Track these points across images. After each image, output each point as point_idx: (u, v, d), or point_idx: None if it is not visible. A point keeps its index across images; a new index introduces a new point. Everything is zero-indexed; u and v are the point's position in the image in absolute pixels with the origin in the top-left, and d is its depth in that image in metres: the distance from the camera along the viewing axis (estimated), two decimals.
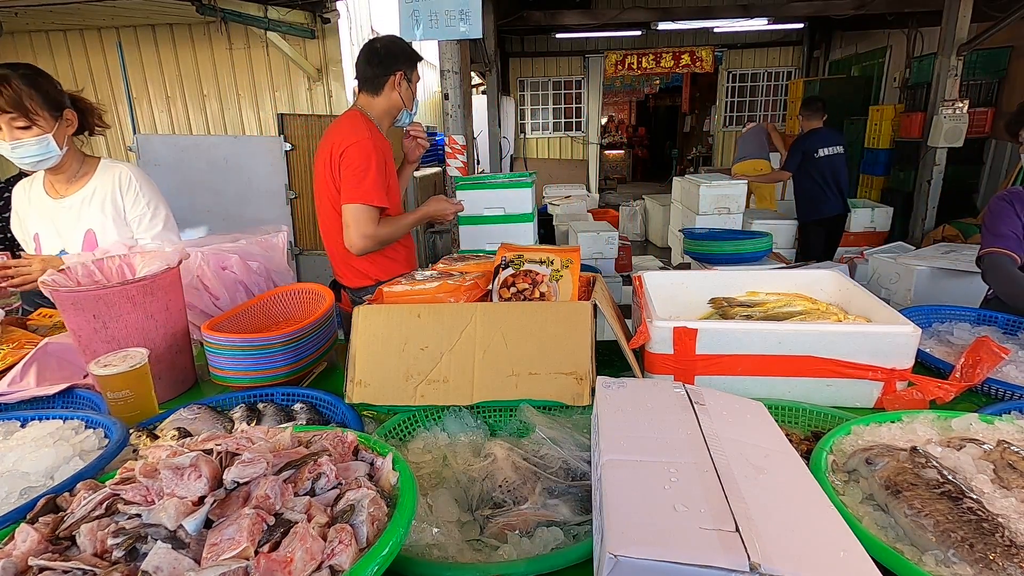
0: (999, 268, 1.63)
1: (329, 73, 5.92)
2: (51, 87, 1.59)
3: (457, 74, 4.18)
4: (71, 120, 1.65)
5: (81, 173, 1.74)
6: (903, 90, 7.22)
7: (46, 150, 1.57)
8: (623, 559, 0.54)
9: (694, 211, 5.41)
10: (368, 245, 1.94)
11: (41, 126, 1.55)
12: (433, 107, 8.41)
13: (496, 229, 3.16)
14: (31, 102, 1.52)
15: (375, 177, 1.89)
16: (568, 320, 1.14)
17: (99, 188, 1.74)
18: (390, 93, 2.03)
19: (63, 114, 1.61)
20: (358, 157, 1.88)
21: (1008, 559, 0.65)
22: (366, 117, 2.00)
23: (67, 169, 1.70)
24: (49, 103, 1.56)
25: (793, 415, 1.10)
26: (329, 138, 1.97)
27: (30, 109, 1.52)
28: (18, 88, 1.50)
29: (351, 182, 1.89)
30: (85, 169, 1.75)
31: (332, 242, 2.10)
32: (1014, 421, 0.97)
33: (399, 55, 2.02)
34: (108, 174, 1.76)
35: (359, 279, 2.10)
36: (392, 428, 1.08)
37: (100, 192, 1.74)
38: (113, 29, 5.92)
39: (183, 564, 0.57)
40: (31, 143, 1.55)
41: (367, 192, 1.89)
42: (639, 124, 16.48)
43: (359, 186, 1.88)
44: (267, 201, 4.82)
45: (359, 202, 1.89)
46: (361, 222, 1.89)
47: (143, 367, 1.14)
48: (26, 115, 1.52)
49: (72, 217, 1.73)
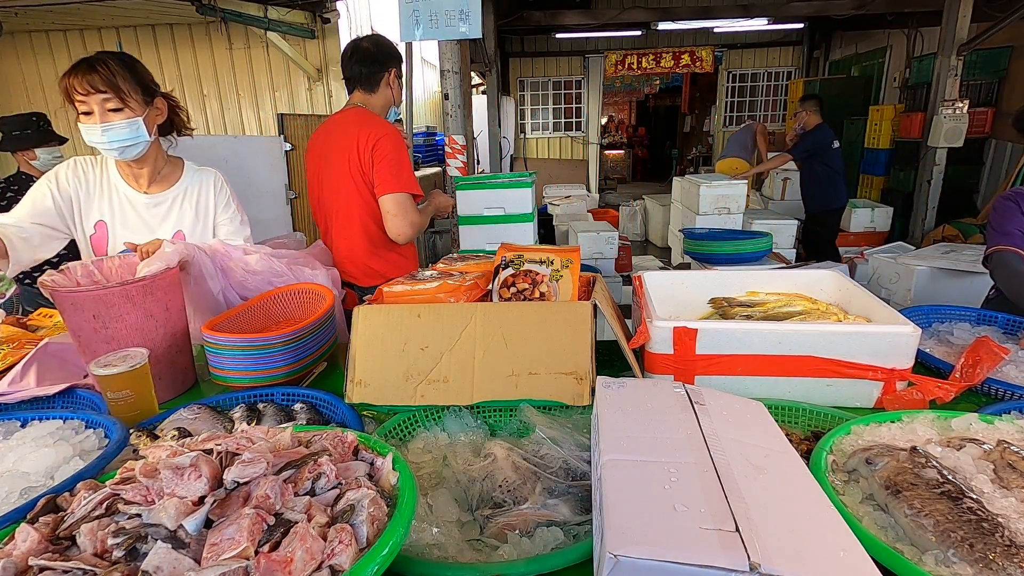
0: (1007, 265, 1.63)
1: (329, 73, 5.93)
2: (146, 73, 1.59)
3: (457, 74, 4.18)
4: (161, 109, 1.63)
5: (167, 171, 1.73)
6: (903, 90, 7.22)
7: (136, 134, 1.55)
8: (623, 559, 0.54)
9: (694, 211, 5.40)
10: (413, 233, 2.00)
11: (133, 108, 1.53)
12: (433, 107, 8.42)
13: (496, 229, 3.16)
14: (125, 83, 1.51)
15: (409, 165, 1.96)
16: (568, 320, 1.14)
17: (190, 189, 1.74)
18: (385, 90, 2.06)
19: (154, 101, 1.60)
20: (392, 147, 1.92)
21: (1008, 559, 0.65)
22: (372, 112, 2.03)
23: (151, 162, 1.68)
24: (142, 87, 1.56)
25: (793, 415, 1.10)
26: (345, 136, 1.97)
27: (123, 90, 1.50)
28: (114, 69, 1.49)
29: (389, 172, 1.92)
30: (170, 168, 1.74)
31: (349, 239, 2.08)
32: (1014, 421, 0.97)
33: (391, 53, 2.06)
34: (199, 176, 1.77)
35: (371, 278, 2.10)
36: (392, 428, 1.08)
37: (191, 193, 1.74)
38: (113, 29, 5.92)
39: (183, 564, 0.57)
40: (122, 126, 1.52)
41: (407, 180, 1.94)
42: (639, 124, 16.49)
43: (399, 175, 1.92)
44: (267, 201, 4.83)
45: (402, 191, 1.93)
46: (408, 210, 1.95)
47: (143, 367, 1.14)
48: (119, 95, 1.50)
49: (161, 213, 1.71)
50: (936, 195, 6.06)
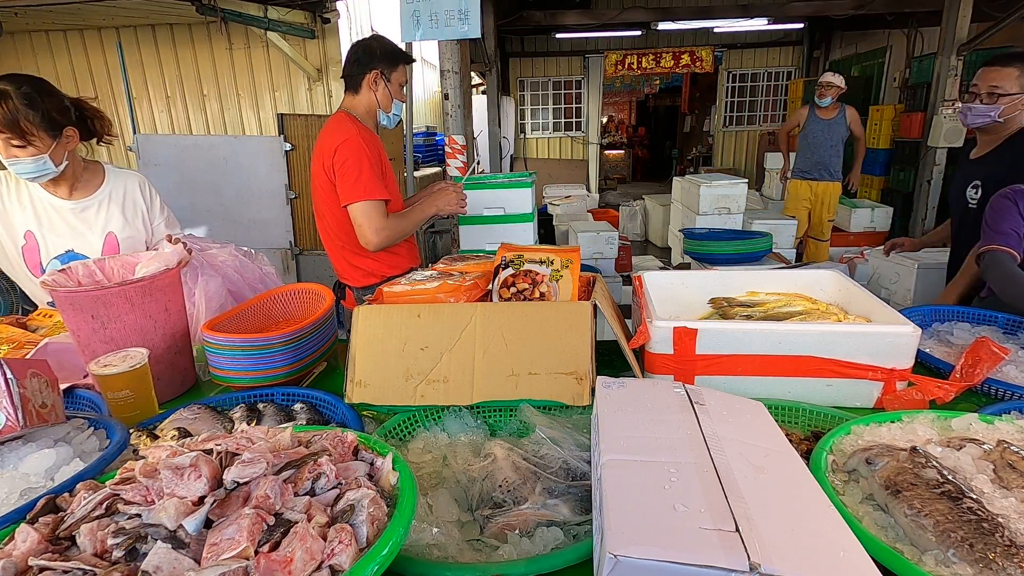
0: (999, 265, 1.62)
1: (329, 73, 5.92)
2: (53, 104, 1.54)
3: (457, 74, 4.18)
4: (72, 136, 1.61)
5: (87, 177, 1.73)
6: (903, 90, 7.21)
7: (42, 168, 1.55)
8: (623, 559, 0.54)
9: (694, 211, 5.40)
10: (384, 239, 1.94)
11: (37, 146, 1.51)
12: (433, 107, 8.42)
13: (496, 229, 3.16)
14: (27, 123, 1.47)
15: (369, 171, 1.88)
16: (568, 320, 1.14)
17: (115, 192, 1.75)
18: (368, 92, 2.01)
19: (62, 132, 1.57)
20: (349, 154, 1.88)
21: (1008, 559, 0.65)
22: (352, 117, 1.99)
23: (68, 175, 1.68)
24: (47, 123, 1.52)
25: (793, 415, 1.10)
26: (320, 142, 1.98)
27: (26, 130, 1.48)
28: (15, 108, 1.45)
29: (348, 181, 1.88)
30: (90, 174, 1.73)
31: (332, 244, 2.10)
32: (1014, 421, 0.97)
33: (375, 54, 1.98)
34: (122, 179, 1.77)
35: (365, 278, 2.09)
36: (392, 428, 1.08)
37: (116, 196, 1.75)
38: (113, 29, 5.92)
39: (183, 564, 0.57)
40: (27, 162, 1.52)
41: (366, 187, 1.88)
42: (639, 124, 16.49)
43: (357, 183, 1.87)
44: (267, 201, 4.82)
45: (363, 199, 1.88)
46: (372, 217, 1.89)
47: (143, 367, 1.14)
48: (22, 136, 1.48)
49: (89, 218, 1.72)
50: (936, 195, 6.06)
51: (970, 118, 2.05)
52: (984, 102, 1.99)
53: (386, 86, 2.01)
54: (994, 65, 1.99)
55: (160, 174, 4.64)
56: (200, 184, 4.69)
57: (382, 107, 2.04)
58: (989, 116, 2.00)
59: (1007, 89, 1.95)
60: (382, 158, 2.00)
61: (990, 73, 1.99)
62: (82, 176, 1.72)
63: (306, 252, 4.98)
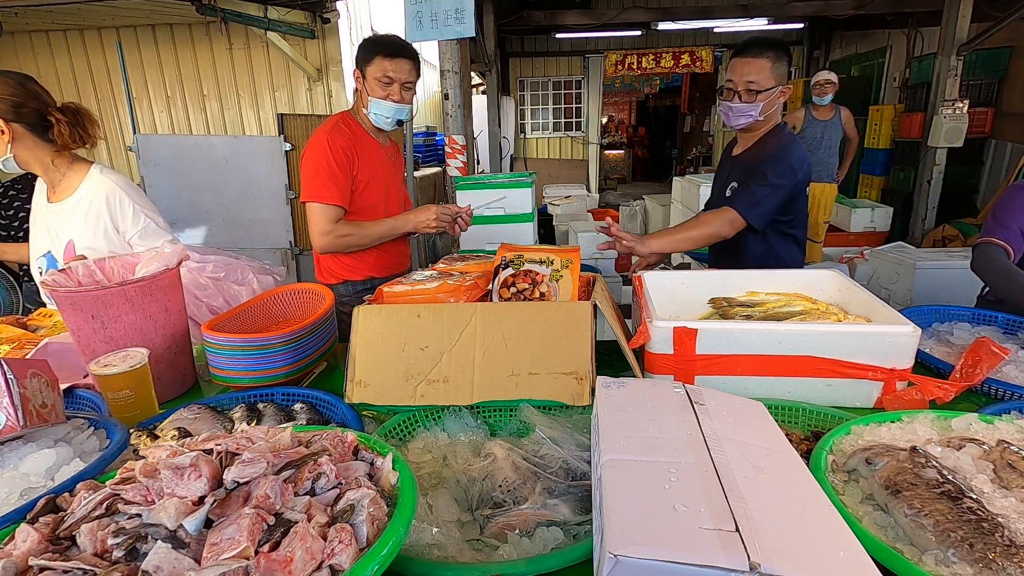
0: (988, 259, 1.61)
1: (329, 73, 5.92)
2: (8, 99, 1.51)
3: (457, 74, 4.19)
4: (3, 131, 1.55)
5: (69, 179, 1.68)
6: (903, 90, 7.21)
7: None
8: (623, 559, 0.54)
9: (694, 211, 5.40)
10: (327, 244, 1.88)
11: None
12: (433, 107, 8.42)
13: (496, 229, 3.16)
14: None
15: (327, 174, 1.82)
16: (568, 320, 1.14)
17: (83, 200, 1.67)
18: (358, 90, 1.95)
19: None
20: (310, 155, 1.86)
21: (1008, 559, 0.65)
22: (350, 116, 1.96)
23: (55, 176, 1.66)
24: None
25: (793, 415, 1.10)
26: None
27: None
28: None
29: (304, 180, 1.87)
30: (72, 176, 1.68)
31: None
32: (1014, 421, 0.97)
33: (359, 51, 1.91)
34: (94, 188, 1.68)
35: (324, 275, 2.04)
36: (392, 428, 1.08)
37: (83, 204, 1.67)
38: (113, 29, 5.93)
39: (183, 564, 0.57)
40: None
41: (318, 189, 1.84)
42: (639, 124, 16.48)
43: (311, 184, 1.85)
44: (267, 201, 4.83)
45: (312, 200, 1.85)
46: (317, 220, 1.85)
47: (143, 367, 1.14)
48: None
49: (61, 222, 1.69)
50: (936, 195, 6.06)
51: (732, 119, 1.88)
52: (744, 100, 1.83)
53: (363, 83, 1.90)
54: (745, 56, 1.81)
55: (160, 174, 4.64)
56: (200, 184, 4.69)
57: (362, 103, 1.93)
58: (750, 116, 1.84)
59: (763, 84, 1.79)
60: (368, 163, 1.92)
61: (744, 66, 1.81)
62: (63, 178, 1.68)
63: (306, 252, 4.98)
